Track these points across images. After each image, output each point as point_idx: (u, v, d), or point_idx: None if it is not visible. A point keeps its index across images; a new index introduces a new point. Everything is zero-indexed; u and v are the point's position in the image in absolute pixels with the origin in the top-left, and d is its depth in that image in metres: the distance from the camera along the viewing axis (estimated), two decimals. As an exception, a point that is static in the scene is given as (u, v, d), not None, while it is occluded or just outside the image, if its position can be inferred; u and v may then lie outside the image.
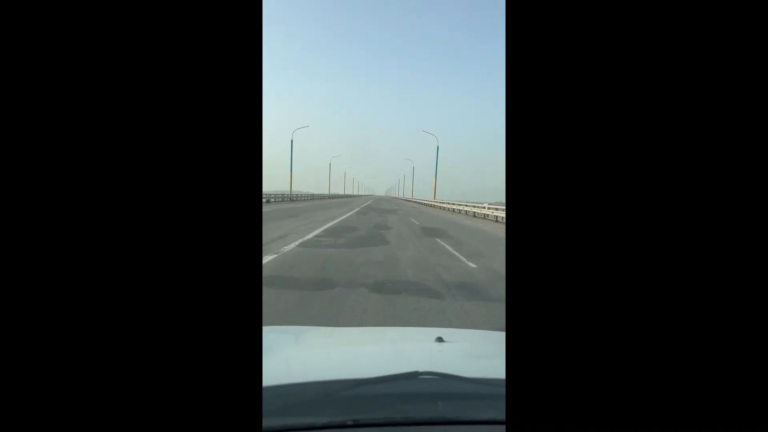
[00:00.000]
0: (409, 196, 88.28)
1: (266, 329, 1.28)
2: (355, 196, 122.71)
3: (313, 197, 55.97)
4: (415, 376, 0.79)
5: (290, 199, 41.23)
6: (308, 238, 8.84)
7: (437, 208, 36.01)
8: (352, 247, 7.94)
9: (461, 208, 28.39)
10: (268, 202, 29.70)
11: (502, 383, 0.66)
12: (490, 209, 21.11)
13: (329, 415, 0.71)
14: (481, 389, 0.82)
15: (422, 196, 71.50)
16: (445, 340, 1.19)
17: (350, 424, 0.70)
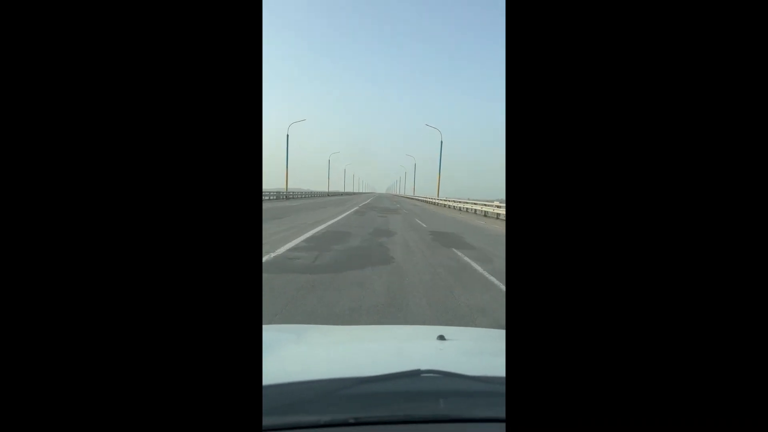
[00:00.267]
0: (410, 193, 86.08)
1: (268, 328, 1.34)
2: (355, 193, 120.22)
3: (311, 195, 53.47)
4: (417, 374, 0.80)
5: (285, 197, 39.00)
6: (280, 253, 6.36)
7: (441, 206, 33.52)
8: (337, 270, 5.29)
9: (468, 206, 25.97)
10: (258, 200, 27.24)
11: (504, 381, 0.65)
12: (500, 207, 18.86)
13: (332, 413, 0.72)
14: (483, 387, 0.83)
15: (424, 193, 69.15)
16: (446, 338, 1.20)
17: (352, 422, 0.71)
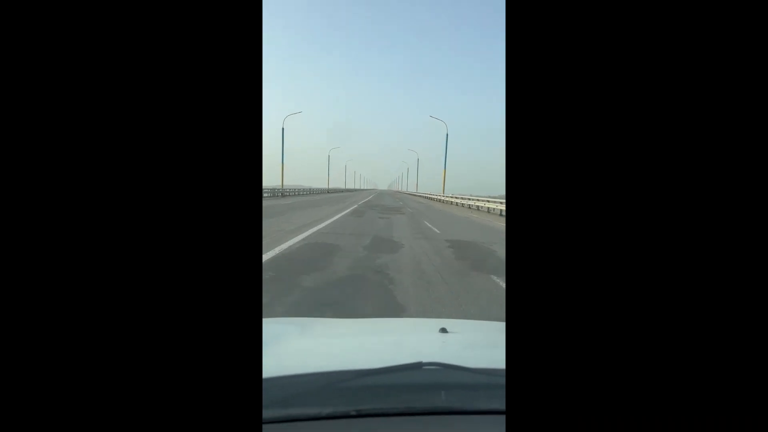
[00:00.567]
0: (412, 189, 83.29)
1: (270, 321, 1.35)
2: (356, 190, 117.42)
3: (309, 192, 50.65)
4: (418, 366, 0.78)
5: (282, 194, 36.24)
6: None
7: (448, 203, 30.67)
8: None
9: (480, 203, 23.16)
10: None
11: (505, 373, 0.65)
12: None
13: (333, 405, 0.72)
14: (484, 379, 0.82)
15: (427, 190, 66.37)
16: (449, 330, 1.18)
17: (354, 414, 0.70)
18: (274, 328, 1.25)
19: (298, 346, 1.16)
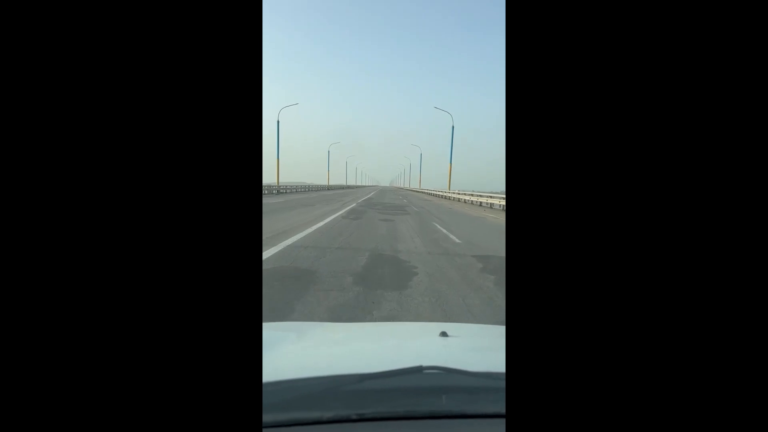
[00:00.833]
0: (415, 185, 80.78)
1: (271, 325, 1.36)
2: (357, 186, 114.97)
3: (308, 189, 48.10)
4: (419, 370, 0.78)
5: (277, 191, 33.77)
6: None
7: (455, 200, 28.09)
8: None
9: (494, 201, 20.62)
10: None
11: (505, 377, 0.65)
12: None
13: (334, 409, 0.72)
14: (485, 383, 0.81)
15: (430, 186, 63.86)
16: (449, 334, 1.16)
17: (355, 418, 0.70)
18: (274, 332, 1.25)
19: (298, 350, 1.15)
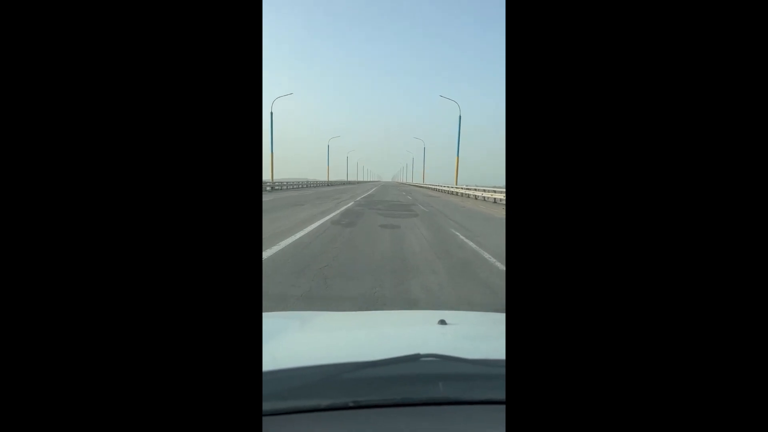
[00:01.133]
0: (418, 180, 78.36)
1: (270, 315, 1.36)
2: (359, 182, 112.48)
3: (305, 185, 45.75)
4: (416, 358, 0.78)
5: (271, 188, 31.42)
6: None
7: (464, 196, 25.71)
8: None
9: (510, 197, 18.27)
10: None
11: (503, 364, 0.65)
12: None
13: (332, 397, 0.73)
14: (482, 370, 0.82)
15: (433, 181, 61.44)
16: (448, 322, 1.17)
17: (352, 405, 0.71)
18: (273, 322, 1.26)
19: (297, 339, 1.17)
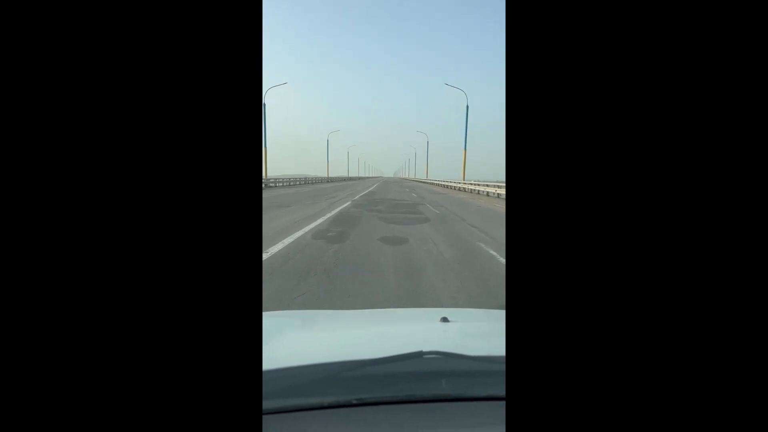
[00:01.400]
0: (421, 176, 75.75)
1: (272, 314, 1.40)
2: (360, 178, 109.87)
3: (303, 182, 43.26)
4: (419, 355, 0.78)
5: (265, 185, 28.97)
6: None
7: (473, 193, 23.09)
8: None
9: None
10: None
11: (504, 360, 0.65)
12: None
13: (335, 394, 0.73)
14: (485, 367, 0.82)
15: (436, 176, 58.84)
16: (450, 319, 1.17)
17: (355, 403, 0.72)
18: (275, 320, 1.28)
19: (299, 338, 1.18)
